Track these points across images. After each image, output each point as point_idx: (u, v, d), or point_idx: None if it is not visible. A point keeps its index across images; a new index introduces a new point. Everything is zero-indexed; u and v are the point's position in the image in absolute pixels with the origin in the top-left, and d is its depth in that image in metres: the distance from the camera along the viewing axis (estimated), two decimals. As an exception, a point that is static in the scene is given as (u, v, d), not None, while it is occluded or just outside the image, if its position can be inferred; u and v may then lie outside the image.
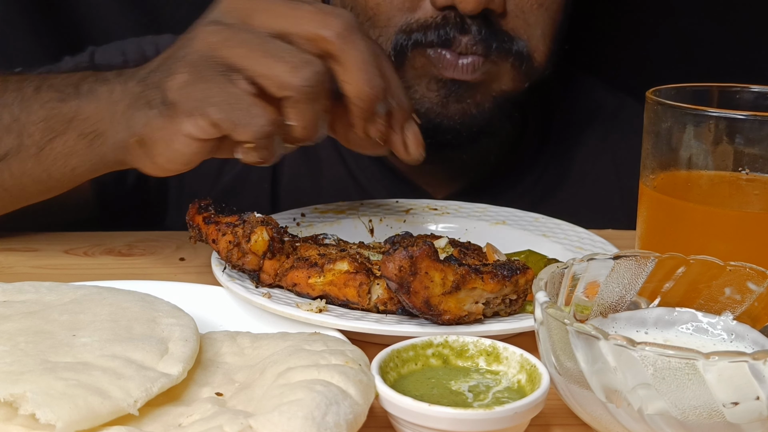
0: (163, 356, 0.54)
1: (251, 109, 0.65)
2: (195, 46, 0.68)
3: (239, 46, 0.67)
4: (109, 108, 0.73)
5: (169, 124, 0.67)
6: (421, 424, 0.51)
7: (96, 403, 0.48)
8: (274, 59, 0.66)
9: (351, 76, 0.68)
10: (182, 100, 0.66)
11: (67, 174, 0.77)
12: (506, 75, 0.97)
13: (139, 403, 0.50)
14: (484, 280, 0.62)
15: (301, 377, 0.52)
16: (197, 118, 0.66)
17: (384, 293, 0.65)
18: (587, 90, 1.22)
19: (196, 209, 0.74)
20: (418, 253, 0.60)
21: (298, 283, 0.67)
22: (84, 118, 0.74)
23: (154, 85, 0.69)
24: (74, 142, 0.74)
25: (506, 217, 0.90)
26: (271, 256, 0.68)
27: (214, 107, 0.65)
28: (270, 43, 0.67)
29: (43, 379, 0.49)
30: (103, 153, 0.74)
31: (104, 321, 0.58)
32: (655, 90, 0.71)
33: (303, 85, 0.65)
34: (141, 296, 0.63)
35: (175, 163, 0.69)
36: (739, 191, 0.68)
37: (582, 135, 1.17)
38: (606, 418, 0.51)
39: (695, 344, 0.59)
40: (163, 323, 0.59)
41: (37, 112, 0.75)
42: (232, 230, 0.69)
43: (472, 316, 0.63)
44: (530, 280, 0.64)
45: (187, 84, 0.67)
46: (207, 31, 0.68)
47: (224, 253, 0.69)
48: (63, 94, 0.75)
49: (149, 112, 0.68)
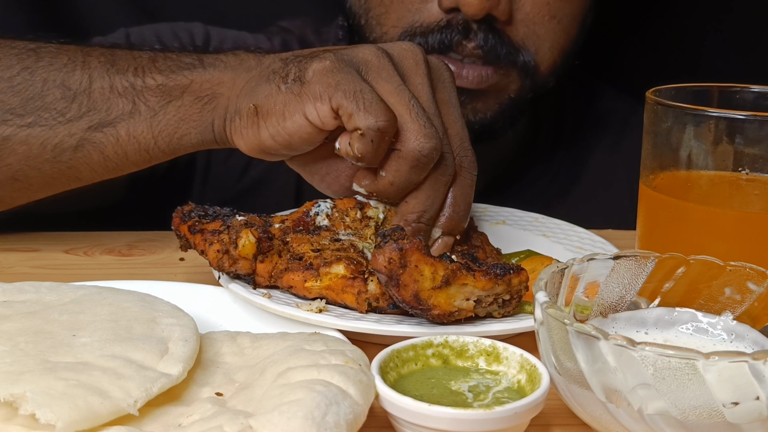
0: (163, 356, 0.54)
1: (376, 103, 0.66)
2: (354, 52, 0.70)
3: (389, 83, 0.68)
4: (235, 74, 0.74)
5: (293, 101, 0.69)
6: (421, 424, 0.51)
7: (96, 403, 0.48)
8: (411, 113, 0.67)
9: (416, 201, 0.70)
10: (316, 81, 0.68)
11: (173, 143, 0.77)
12: (511, 85, 0.97)
13: (140, 403, 0.50)
14: (475, 277, 0.62)
15: (301, 377, 0.52)
16: (322, 103, 0.67)
17: (376, 288, 0.65)
18: (599, 96, 1.22)
19: (180, 218, 0.73)
20: (408, 246, 0.60)
21: (294, 286, 0.67)
22: (202, 82, 0.75)
23: (296, 63, 0.70)
24: (188, 106, 0.75)
25: (506, 217, 0.90)
26: (263, 258, 0.68)
27: (341, 92, 0.67)
28: (415, 101, 0.68)
29: (43, 379, 0.49)
30: (211, 120, 0.75)
31: (104, 321, 0.58)
32: (655, 90, 0.71)
33: (418, 151, 0.67)
34: (141, 296, 0.63)
35: (276, 144, 0.70)
36: (739, 191, 0.68)
37: (594, 140, 1.17)
38: (606, 418, 0.51)
39: (695, 344, 0.59)
40: (163, 323, 0.59)
41: (155, 77, 0.76)
42: (218, 238, 0.68)
43: (462, 313, 0.63)
44: (524, 281, 0.64)
45: (327, 70, 0.68)
46: (372, 51, 0.70)
47: (215, 263, 0.68)
48: (183, 63, 0.76)
49: (281, 84, 0.70)
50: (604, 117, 1.19)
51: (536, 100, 1.07)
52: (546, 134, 1.15)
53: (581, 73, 1.23)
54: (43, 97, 0.76)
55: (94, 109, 0.76)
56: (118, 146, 0.77)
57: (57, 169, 0.78)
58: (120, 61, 0.77)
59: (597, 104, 1.20)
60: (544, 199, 1.12)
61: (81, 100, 0.76)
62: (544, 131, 1.15)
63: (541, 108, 1.17)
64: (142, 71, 0.76)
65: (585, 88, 1.21)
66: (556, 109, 1.17)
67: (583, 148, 1.16)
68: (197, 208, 0.73)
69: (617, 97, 1.22)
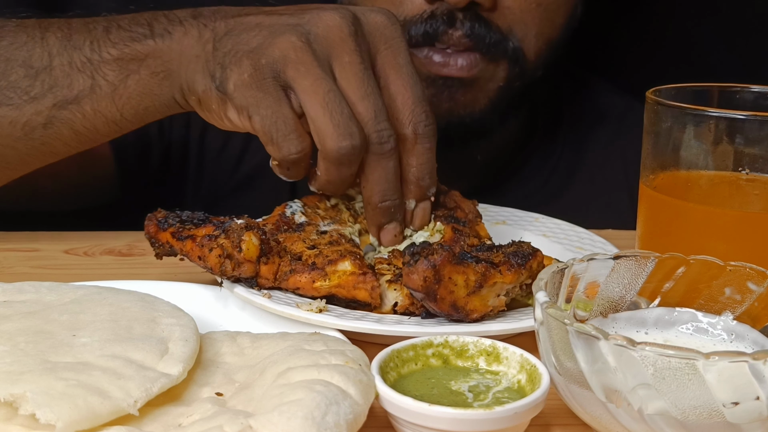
0: (164, 356, 0.54)
1: (290, 134, 0.68)
2: (271, 49, 0.69)
3: (306, 78, 0.68)
4: (180, 50, 0.74)
5: (221, 106, 0.71)
6: (421, 424, 0.51)
7: (96, 403, 0.48)
8: (325, 113, 0.68)
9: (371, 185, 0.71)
10: (237, 95, 0.69)
11: (140, 113, 0.77)
12: (499, 74, 0.97)
13: (139, 404, 0.50)
14: (502, 273, 0.63)
15: (301, 377, 0.52)
16: (245, 117, 0.69)
17: (406, 299, 0.66)
18: (596, 92, 1.22)
19: (156, 225, 0.71)
20: (440, 261, 0.61)
21: (302, 288, 0.67)
22: (155, 56, 0.75)
23: (220, 61, 0.71)
24: (146, 80, 0.75)
25: (506, 217, 0.90)
26: (266, 260, 0.67)
27: (259, 117, 0.68)
28: (332, 94, 0.68)
29: (43, 379, 0.49)
30: (171, 94, 0.75)
31: (104, 321, 0.58)
32: (655, 90, 0.71)
33: (336, 151, 0.68)
34: (141, 296, 0.63)
35: (226, 128, 0.73)
36: (739, 191, 0.68)
37: (591, 137, 1.17)
38: (606, 418, 0.51)
39: (695, 344, 0.59)
40: (163, 323, 0.59)
41: (110, 51, 0.76)
42: (217, 243, 0.67)
43: (496, 309, 0.64)
44: (541, 262, 0.65)
45: (246, 85, 0.69)
46: (290, 43, 0.69)
47: (217, 269, 0.67)
48: (135, 34, 0.76)
49: (211, 84, 0.71)
50: (601, 113, 1.19)
51: (531, 96, 1.07)
52: (542, 131, 1.15)
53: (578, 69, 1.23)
54: (7, 77, 0.77)
55: (56, 86, 0.76)
56: (86, 121, 0.77)
57: (30, 146, 0.78)
58: (76, 35, 0.77)
59: (593, 100, 1.20)
60: (542, 195, 1.12)
61: (43, 77, 0.76)
62: (541, 128, 1.15)
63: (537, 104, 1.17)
64: (98, 45, 0.76)
65: (582, 84, 1.21)
66: (552, 105, 1.17)
67: (580, 145, 1.16)
68: (171, 215, 0.71)
69: (614, 93, 1.22)
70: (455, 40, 0.92)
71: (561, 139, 1.16)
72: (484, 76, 0.96)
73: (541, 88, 1.16)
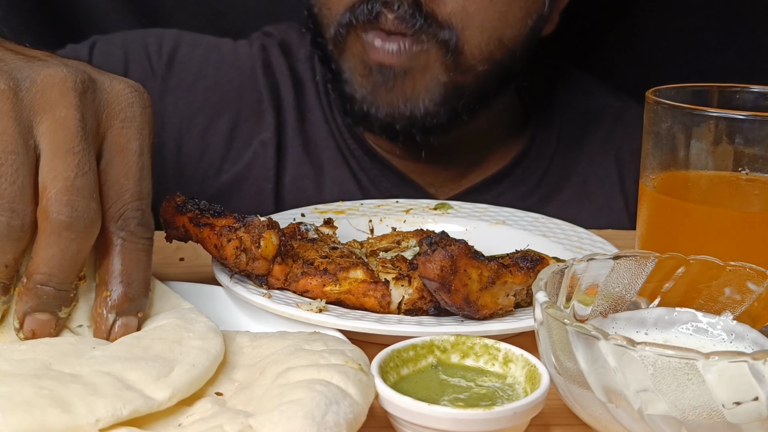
0: (160, 379, 0.52)
1: None
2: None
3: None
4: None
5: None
6: (421, 424, 0.51)
7: (52, 416, 0.47)
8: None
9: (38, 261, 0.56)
10: None
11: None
12: (434, 65, 0.97)
13: (102, 424, 0.48)
14: (512, 273, 0.64)
15: (301, 377, 0.52)
16: None
17: (414, 293, 0.65)
18: (591, 92, 1.22)
19: (175, 208, 0.70)
20: (457, 252, 0.61)
21: (311, 290, 0.67)
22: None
23: None
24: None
25: (506, 217, 0.90)
26: (280, 260, 0.67)
27: None
28: (12, 156, 0.54)
29: (22, 383, 0.49)
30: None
31: (131, 336, 0.57)
32: (655, 90, 0.71)
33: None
34: (182, 314, 0.60)
35: None
36: (739, 191, 0.68)
37: (586, 137, 1.18)
38: (606, 418, 0.51)
39: (695, 344, 0.59)
40: (187, 345, 0.56)
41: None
42: (236, 235, 0.67)
43: (504, 309, 0.64)
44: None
45: None
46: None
47: (232, 260, 0.67)
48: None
49: None
50: (596, 113, 1.19)
51: (499, 95, 1.06)
52: (536, 131, 1.16)
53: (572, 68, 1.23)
54: None
55: None
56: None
57: None
58: None
59: (588, 100, 1.20)
60: (537, 196, 1.13)
61: None
62: (534, 128, 1.16)
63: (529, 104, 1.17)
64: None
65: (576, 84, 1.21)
66: (546, 104, 1.17)
67: (574, 145, 1.17)
68: (189, 201, 0.71)
69: (609, 93, 1.22)
70: (390, 22, 0.94)
71: (556, 138, 1.16)
72: (416, 66, 0.96)
73: (525, 88, 1.16)
